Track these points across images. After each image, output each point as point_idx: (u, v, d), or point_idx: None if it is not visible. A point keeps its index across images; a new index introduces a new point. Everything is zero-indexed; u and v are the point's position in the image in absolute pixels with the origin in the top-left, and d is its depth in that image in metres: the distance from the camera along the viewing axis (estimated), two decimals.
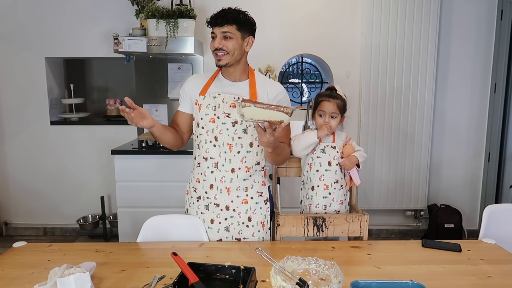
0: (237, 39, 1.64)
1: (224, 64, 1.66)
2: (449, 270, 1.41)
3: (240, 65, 1.71)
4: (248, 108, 1.39)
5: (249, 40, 1.69)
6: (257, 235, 1.75)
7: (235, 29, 1.63)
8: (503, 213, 1.86)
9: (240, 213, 1.73)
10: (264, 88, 1.73)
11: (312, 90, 3.79)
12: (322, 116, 1.85)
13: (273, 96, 1.72)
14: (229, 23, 1.62)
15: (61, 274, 1.20)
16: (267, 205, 1.77)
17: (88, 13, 3.36)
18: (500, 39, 3.37)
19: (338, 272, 1.22)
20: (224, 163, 1.70)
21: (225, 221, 1.74)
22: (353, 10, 3.34)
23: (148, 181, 2.91)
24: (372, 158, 3.46)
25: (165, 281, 1.33)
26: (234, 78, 1.74)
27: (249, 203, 1.73)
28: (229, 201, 1.72)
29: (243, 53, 1.69)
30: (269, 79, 1.84)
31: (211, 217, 1.75)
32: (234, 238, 1.74)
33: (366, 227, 1.72)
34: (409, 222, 3.68)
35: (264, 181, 1.78)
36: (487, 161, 3.57)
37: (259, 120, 1.42)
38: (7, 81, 3.47)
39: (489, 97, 3.48)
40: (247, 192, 1.73)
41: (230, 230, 1.74)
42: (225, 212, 1.73)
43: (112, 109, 3.64)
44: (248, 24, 1.68)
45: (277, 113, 1.41)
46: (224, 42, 1.63)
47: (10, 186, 3.63)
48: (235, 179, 1.70)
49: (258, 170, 1.75)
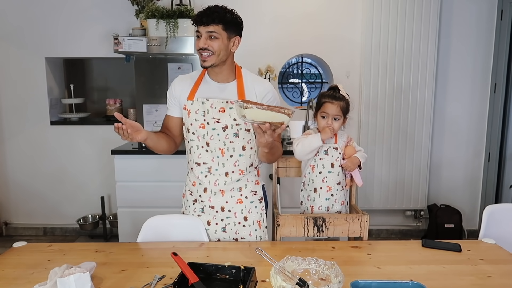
0: (223, 39, 1.59)
1: (209, 65, 1.61)
2: (449, 270, 1.41)
3: (226, 65, 1.67)
4: (250, 109, 1.39)
5: (236, 41, 1.64)
6: (254, 234, 1.74)
7: (221, 28, 1.57)
8: (503, 213, 1.86)
9: (236, 213, 1.73)
10: (252, 88, 1.69)
11: (312, 90, 3.79)
12: (324, 118, 1.82)
13: (262, 96, 1.68)
14: (215, 22, 1.56)
15: (61, 274, 1.20)
16: (262, 204, 1.77)
17: (88, 13, 3.36)
18: (500, 39, 3.37)
19: (338, 272, 1.21)
20: (217, 167, 1.69)
21: (222, 222, 1.73)
22: (353, 10, 3.34)
23: (148, 181, 2.91)
24: (372, 158, 3.46)
25: (165, 281, 1.32)
26: (221, 79, 1.70)
27: (243, 202, 1.73)
28: (223, 202, 1.72)
29: (229, 54, 1.64)
30: (257, 77, 1.77)
31: (208, 219, 1.75)
32: (231, 238, 1.74)
33: (366, 227, 1.72)
34: (409, 222, 3.68)
35: (258, 180, 1.77)
36: (487, 161, 3.57)
37: (260, 121, 1.42)
38: (7, 81, 3.47)
39: (489, 97, 3.48)
40: (241, 192, 1.72)
41: (227, 230, 1.74)
42: (220, 213, 1.73)
43: (112, 109, 3.64)
44: (235, 24, 1.62)
45: (278, 115, 1.41)
46: (210, 42, 1.58)
47: (10, 186, 3.63)
48: (228, 181, 1.70)
49: (252, 171, 1.75)
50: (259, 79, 1.76)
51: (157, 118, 3.45)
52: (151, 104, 3.45)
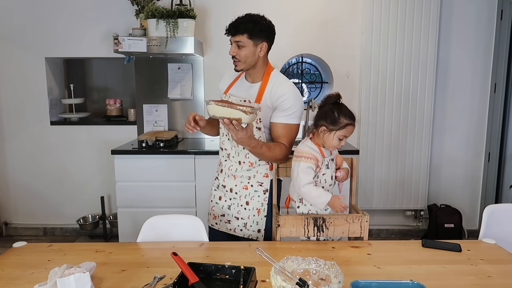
0: (249, 47, 1.78)
1: (239, 70, 1.86)
2: (449, 270, 1.41)
3: (257, 68, 1.86)
4: (210, 106, 1.59)
5: (263, 46, 1.81)
6: (252, 218, 1.93)
7: (246, 37, 1.77)
8: (503, 213, 1.86)
9: (241, 197, 1.94)
10: (271, 90, 1.83)
11: (312, 90, 3.78)
12: (341, 140, 1.68)
13: (275, 99, 1.82)
14: (240, 32, 1.76)
15: (61, 274, 1.20)
16: (265, 195, 1.92)
17: (88, 13, 3.36)
18: (500, 39, 3.37)
19: (338, 272, 1.22)
20: (234, 155, 1.93)
21: (229, 201, 1.97)
22: (353, 10, 3.34)
23: (148, 181, 2.91)
24: (372, 158, 3.46)
25: (165, 281, 1.32)
26: (252, 80, 1.91)
27: (248, 189, 1.93)
28: (233, 185, 1.95)
29: (257, 59, 1.83)
30: (282, 80, 1.87)
31: (220, 194, 2.01)
32: (233, 217, 1.96)
33: (367, 227, 1.72)
34: (409, 222, 3.68)
35: (267, 173, 1.92)
36: (487, 161, 3.57)
37: (220, 117, 1.58)
38: (7, 81, 3.47)
39: (489, 97, 3.48)
40: (249, 180, 1.92)
41: (231, 209, 1.96)
42: (229, 194, 1.97)
43: (112, 109, 3.64)
44: (260, 30, 1.78)
45: (235, 111, 1.56)
46: (237, 50, 1.79)
47: (10, 186, 3.63)
48: (239, 170, 1.92)
49: (263, 164, 1.91)
50: (282, 82, 1.86)
51: (157, 118, 3.45)
52: (151, 104, 3.45)
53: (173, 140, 3.12)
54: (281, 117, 1.83)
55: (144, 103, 3.44)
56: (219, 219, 2.02)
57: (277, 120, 1.84)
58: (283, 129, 1.84)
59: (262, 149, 1.76)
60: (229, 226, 1.99)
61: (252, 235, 1.94)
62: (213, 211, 2.04)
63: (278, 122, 1.84)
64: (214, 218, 2.04)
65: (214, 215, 2.04)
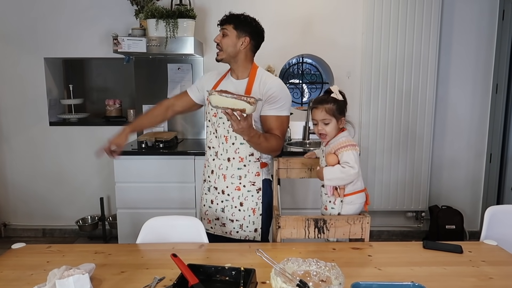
0: (232, 37, 1.84)
1: (219, 59, 1.89)
2: (451, 271, 1.40)
3: (239, 62, 1.90)
4: (213, 96, 1.59)
5: (245, 40, 1.86)
6: (248, 219, 1.93)
7: (232, 27, 1.84)
8: (505, 215, 1.85)
9: (234, 198, 1.93)
10: (260, 84, 1.87)
11: (313, 91, 3.78)
12: (316, 125, 1.79)
13: (265, 91, 1.85)
14: (227, 22, 1.85)
15: (60, 275, 1.20)
16: (259, 194, 1.93)
17: (87, 13, 3.35)
18: (502, 39, 3.36)
19: (339, 273, 1.21)
20: (222, 152, 1.92)
21: (222, 203, 1.96)
22: (354, 10, 3.33)
23: (148, 182, 2.90)
24: (373, 159, 3.45)
25: (165, 282, 1.32)
26: (236, 76, 1.94)
27: (241, 190, 1.92)
28: (224, 186, 1.94)
29: (237, 51, 1.86)
30: (270, 76, 1.94)
31: (211, 198, 1.99)
32: (228, 219, 1.95)
33: (368, 229, 1.71)
34: (410, 224, 3.67)
35: (259, 172, 1.93)
36: (489, 162, 3.56)
37: (223, 107, 1.59)
38: (6, 81, 3.46)
39: (490, 97, 3.47)
40: (240, 181, 1.91)
41: (225, 211, 1.95)
42: (221, 196, 1.95)
43: (112, 109, 3.64)
44: (246, 25, 1.85)
45: (239, 102, 1.57)
46: (221, 38, 1.86)
47: (9, 187, 3.62)
48: (230, 167, 1.91)
49: (253, 161, 1.91)
50: (269, 77, 1.93)
51: None
52: (150, 105, 3.43)
53: (173, 141, 3.11)
54: (272, 110, 1.86)
55: (143, 103, 3.43)
56: (214, 223, 2.00)
57: (268, 113, 1.87)
58: (276, 121, 1.88)
59: (260, 138, 1.78)
60: (224, 229, 1.97)
61: (249, 235, 1.94)
62: (207, 216, 2.02)
63: (270, 115, 1.87)
64: (208, 222, 2.01)
65: (208, 219, 2.02)
